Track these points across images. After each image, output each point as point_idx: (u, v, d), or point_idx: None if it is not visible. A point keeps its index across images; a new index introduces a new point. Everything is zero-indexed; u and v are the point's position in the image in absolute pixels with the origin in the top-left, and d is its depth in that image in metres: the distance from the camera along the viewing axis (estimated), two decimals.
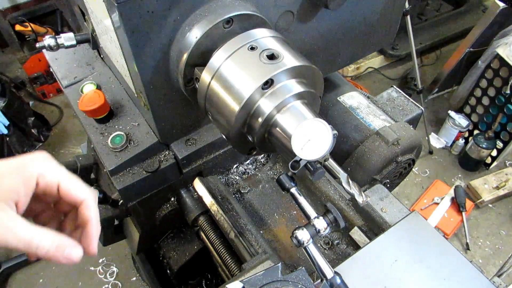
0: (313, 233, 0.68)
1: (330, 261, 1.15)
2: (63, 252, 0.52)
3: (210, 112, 0.84)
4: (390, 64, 3.65)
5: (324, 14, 1.02)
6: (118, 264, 2.44)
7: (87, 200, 0.58)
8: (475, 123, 2.98)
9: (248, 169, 1.35)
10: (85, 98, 1.09)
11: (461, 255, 0.91)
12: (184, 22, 0.81)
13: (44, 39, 1.03)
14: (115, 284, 2.36)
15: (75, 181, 0.57)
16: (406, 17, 2.48)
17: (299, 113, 0.75)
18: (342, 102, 1.30)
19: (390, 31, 1.29)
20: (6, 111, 2.66)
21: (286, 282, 0.65)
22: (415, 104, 1.36)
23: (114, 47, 0.91)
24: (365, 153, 1.16)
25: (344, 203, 1.19)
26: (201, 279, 1.41)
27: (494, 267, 2.45)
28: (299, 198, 0.74)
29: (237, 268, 1.09)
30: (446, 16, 3.71)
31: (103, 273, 2.41)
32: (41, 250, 0.50)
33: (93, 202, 0.59)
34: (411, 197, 2.79)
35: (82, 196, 0.58)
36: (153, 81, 0.88)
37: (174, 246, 1.29)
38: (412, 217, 1.00)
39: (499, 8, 2.60)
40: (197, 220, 1.18)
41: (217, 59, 0.78)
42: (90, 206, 0.58)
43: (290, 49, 0.78)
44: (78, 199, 0.58)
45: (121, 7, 0.71)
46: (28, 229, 0.50)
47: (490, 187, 2.73)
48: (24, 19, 3.27)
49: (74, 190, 0.57)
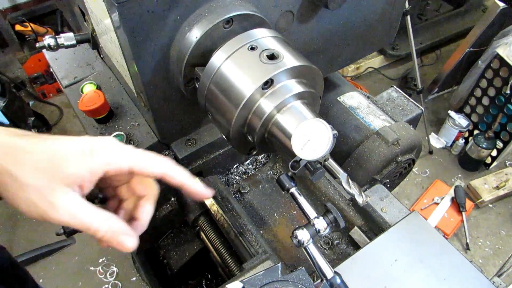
0: (313, 233, 0.68)
1: (330, 261, 1.15)
2: (117, 238, 0.55)
3: (210, 112, 0.84)
4: (390, 64, 3.65)
5: (324, 14, 1.02)
6: (118, 264, 2.44)
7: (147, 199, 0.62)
8: (475, 123, 2.98)
9: (248, 169, 1.35)
10: (85, 98, 1.09)
11: (461, 255, 0.91)
12: (184, 22, 0.81)
13: (44, 39, 1.03)
14: (115, 284, 2.36)
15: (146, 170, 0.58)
16: (406, 17, 2.48)
17: (299, 113, 0.75)
18: (342, 102, 1.30)
19: (390, 31, 1.29)
20: (6, 111, 2.66)
21: (286, 282, 0.65)
22: (415, 104, 1.36)
23: (114, 47, 0.91)
24: (365, 153, 1.16)
25: (344, 203, 1.19)
26: (201, 279, 1.41)
27: (494, 267, 2.45)
28: (299, 198, 0.74)
29: (237, 268, 1.09)
30: (446, 16, 3.71)
31: (103, 273, 2.41)
32: (97, 233, 0.54)
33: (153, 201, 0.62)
34: (411, 197, 2.79)
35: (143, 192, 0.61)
36: (153, 81, 0.88)
37: (174, 246, 1.29)
38: (412, 217, 1.00)
39: (499, 8, 2.59)
40: (197, 220, 1.18)
41: (217, 59, 0.78)
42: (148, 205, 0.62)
43: (290, 49, 0.78)
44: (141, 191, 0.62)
45: (121, 7, 0.71)
46: (88, 213, 0.53)
47: (490, 187, 2.73)
48: (24, 19, 3.27)
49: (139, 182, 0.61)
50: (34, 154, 0.51)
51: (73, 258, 2.50)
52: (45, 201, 0.51)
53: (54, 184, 0.51)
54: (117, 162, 0.55)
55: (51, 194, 0.51)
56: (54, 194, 0.51)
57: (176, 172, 0.59)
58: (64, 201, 0.51)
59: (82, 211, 0.52)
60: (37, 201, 0.51)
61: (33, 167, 0.51)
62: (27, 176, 0.50)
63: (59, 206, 0.51)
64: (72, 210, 0.52)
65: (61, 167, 0.52)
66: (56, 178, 0.51)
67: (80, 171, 0.53)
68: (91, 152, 0.54)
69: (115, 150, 0.56)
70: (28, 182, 0.50)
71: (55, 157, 0.52)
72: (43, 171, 0.51)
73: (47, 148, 0.53)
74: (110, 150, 0.55)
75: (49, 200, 0.51)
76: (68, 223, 0.52)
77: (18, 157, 0.51)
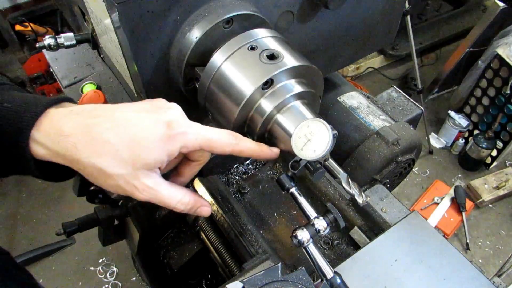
0: (313, 233, 0.68)
1: (330, 261, 1.15)
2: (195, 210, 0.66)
3: (210, 112, 0.84)
4: (390, 64, 3.65)
5: (324, 14, 1.02)
6: (118, 264, 2.44)
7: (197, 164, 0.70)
8: (475, 123, 2.98)
9: (248, 169, 1.35)
10: (85, 98, 1.09)
11: (461, 255, 0.91)
12: (184, 22, 0.81)
13: (44, 39, 1.03)
14: (115, 284, 2.37)
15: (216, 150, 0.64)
16: (406, 17, 2.49)
17: (299, 113, 0.75)
18: (342, 102, 1.30)
19: (390, 31, 1.29)
20: None
21: (286, 282, 0.65)
22: (415, 104, 1.36)
23: (114, 47, 0.91)
24: (365, 153, 1.16)
25: (344, 203, 1.19)
26: (201, 279, 1.41)
27: (494, 267, 2.45)
28: (299, 198, 0.74)
29: (237, 268, 1.09)
30: (446, 16, 3.72)
31: (103, 273, 2.41)
32: (178, 208, 0.62)
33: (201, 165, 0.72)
34: (411, 197, 2.79)
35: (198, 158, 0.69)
36: (153, 81, 0.88)
37: (174, 246, 1.29)
38: (412, 217, 1.00)
39: (499, 8, 2.60)
40: (197, 220, 1.18)
41: (217, 59, 0.78)
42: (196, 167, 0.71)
43: (290, 49, 0.78)
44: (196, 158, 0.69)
45: (121, 7, 0.71)
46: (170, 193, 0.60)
47: (490, 187, 2.73)
48: (24, 19, 3.27)
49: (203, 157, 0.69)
50: (113, 142, 0.54)
51: (73, 258, 2.50)
52: (131, 186, 0.56)
53: (137, 170, 0.55)
54: (192, 144, 0.60)
55: (136, 180, 0.56)
56: (138, 179, 0.56)
57: (244, 149, 0.67)
58: (146, 185, 0.57)
59: (162, 191, 0.58)
60: (124, 186, 0.56)
61: (116, 157, 0.54)
62: (112, 167, 0.54)
63: (143, 189, 0.57)
64: (153, 191, 0.57)
65: (142, 156, 0.55)
66: (138, 165, 0.55)
67: (160, 157, 0.57)
68: (169, 137, 0.57)
69: (189, 133, 0.59)
70: (114, 172, 0.54)
71: (135, 146, 0.55)
72: (126, 161, 0.54)
73: (124, 134, 0.55)
74: (186, 133, 0.59)
75: (134, 184, 0.56)
76: (150, 201, 0.58)
77: (98, 148, 0.53)
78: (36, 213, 2.70)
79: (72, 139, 0.53)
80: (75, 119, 0.54)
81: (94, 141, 0.53)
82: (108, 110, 0.57)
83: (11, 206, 2.75)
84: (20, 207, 2.73)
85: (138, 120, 0.56)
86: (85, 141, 0.53)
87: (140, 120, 0.56)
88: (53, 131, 0.53)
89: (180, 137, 0.58)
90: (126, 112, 0.57)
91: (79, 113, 0.55)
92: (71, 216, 1.13)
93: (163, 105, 0.61)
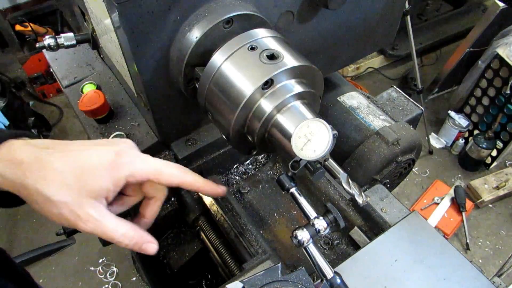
0: (313, 233, 0.68)
1: (330, 261, 1.15)
2: (140, 246, 0.62)
3: (210, 112, 0.84)
4: (390, 64, 3.65)
5: (324, 14, 1.02)
6: (118, 264, 2.44)
7: (155, 200, 0.67)
8: (475, 123, 2.98)
9: (248, 169, 1.35)
10: (85, 98, 1.09)
11: (461, 255, 0.91)
12: (184, 22, 0.81)
13: (44, 39, 1.03)
14: (115, 284, 2.37)
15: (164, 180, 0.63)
16: (406, 17, 2.49)
17: (299, 113, 0.75)
18: (342, 102, 1.30)
19: (390, 31, 1.29)
20: (6, 111, 2.66)
21: (286, 282, 0.65)
22: (415, 104, 1.36)
23: (114, 47, 0.91)
24: (365, 153, 1.16)
25: (344, 203, 1.19)
26: (201, 279, 1.41)
27: (494, 267, 2.45)
28: (299, 198, 0.74)
29: (237, 268, 1.09)
30: (446, 16, 3.71)
31: (103, 273, 2.41)
32: (122, 242, 0.59)
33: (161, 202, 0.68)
34: (411, 197, 2.79)
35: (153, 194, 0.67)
36: (153, 81, 0.88)
37: (174, 246, 1.29)
38: (412, 217, 1.00)
39: (499, 8, 2.60)
40: (197, 220, 1.18)
41: (217, 59, 0.78)
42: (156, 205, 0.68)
43: (290, 49, 0.78)
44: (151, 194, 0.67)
45: (121, 7, 0.71)
46: (114, 225, 0.58)
47: (490, 187, 2.73)
48: (24, 19, 3.27)
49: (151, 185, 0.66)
50: (61, 171, 0.55)
51: (73, 258, 2.50)
52: (75, 215, 0.55)
53: (82, 198, 0.55)
54: (139, 174, 0.60)
55: (80, 209, 0.55)
56: (82, 209, 0.55)
57: (192, 181, 0.65)
58: (91, 215, 0.56)
59: (105, 222, 0.57)
60: (67, 215, 0.55)
61: (62, 184, 0.54)
62: (56, 193, 0.54)
63: (86, 220, 0.55)
64: (98, 223, 0.56)
65: (88, 182, 0.55)
66: (83, 193, 0.55)
67: (106, 185, 0.57)
68: (116, 165, 0.58)
69: (137, 162, 0.60)
70: (59, 200, 0.54)
71: (82, 173, 0.55)
72: (71, 188, 0.55)
73: (73, 163, 0.56)
74: (132, 162, 0.59)
75: (77, 214, 0.55)
76: (94, 233, 0.57)
77: (46, 174, 0.54)
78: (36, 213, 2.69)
79: (23, 166, 0.54)
80: (30, 149, 0.56)
81: (43, 168, 0.54)
82: (63, 144, 0.59)
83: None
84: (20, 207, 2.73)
85: (89, 151, 0.58)
86: (35, 168, 0.54)
87: (91, 150, 0.58)
88: (8, 158, 0.55)
89: (127, 165, 0.58)
90: (79, 145, 0.59)
91: (35, 145, 0.57)
92: None
93: (116, 140, 0.64)
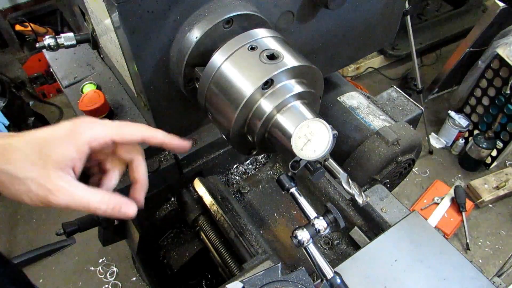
0: (313, 233, 0.68)
1: (330, 261, 1.15)
2: (119, 210, 0.60)
3: (210, 112, 0.84)
4: (390, 64, 3.65)
5: (324, 14, 1.02)
6: (118, 264, 2.44)
7: (136, 160, 0.66)
8: (475, 123, 2.98)
9: (248, 169, 1.35)
10: (85, 98, 1.09)
11: (461, 255, 0.91)
12: (184, 22, 0.81)
13: (44, 39, 1.03)
14: (115, 284, 2.36)
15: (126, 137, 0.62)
16: (406, 17, 2.48)
17: (299, 113, 0.75)
18: (342, 102, 1.30)
19: (390, 31, 1.29)
20: (6, 111, 2.66)
21: (286, 282, 0.65)
22: (415, 104, 1.36)
23: (114, 47, 0.91)
24: (365, 153, 1.16)
25: (344, 203, 1.19)
26: (201, 279, 1.41)
27: (494, 267, 2.45)
28: (299, 198, 0.74)
29: (237, 268, 1.09)
30: (446, 16, 3.71)
31: (103, 273, 2.41)
32: (99, 211, 0.58)
33: (142, 160, 0.67)
34: (411, 197, 2.79)
35: (130, 156, 0.66)
36: (153, 81, 0.88)
37: (174, 246, 1.29)
38: (412, 217, 1.00)
39: (499, 8, 2.59)
40: (197, 220, 1.18)
41: (217, 59, 0.78)
42: (139, 165, 0.67)
43: (290, 49, 0.78)
44: (128, 157, 0.66)
45: (121, 7, 0.71)
46: (86, 194, 0.57)
47: (490, 187, 2.73)
48: (24, 19, 3.27)
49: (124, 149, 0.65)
50: (22, 148, 0.55)
51: (73, 258, 2.50)
52: (44, 189, 0.54)
53: (48, 171, 0.54)
54: (99, 136, 0.59)
55: (48, 181, 0.54)
56: (50, 180, 0.54)
57: (154, 133, 0.65)
58: (60, 185, 0.55)
59: (78, 193, 0.56)
60: (36, 190, 0.54)
61: (25, 160, 0.54)
62: (21, 170, 0.54)
63: (57, 191, 0.54)
64: (69, 193, 0.55)
65: (50, 153, 0.55)
66: (48, 165, 0.54)
67: (68, 153, 0.56)
68: (74, 132, 0.57)
69: (95, 126, 0.59)
70: (24, 176, 0.53)
71: (42, 146, 0.55)
72: (35, 163, 0.54)
73: (32, 139, 0.56)
74: (91, 127, 0.59)
75: (47, 187, 0.54)
76: (68, 205, 0.55)
77: (9, 156, 0.54)
78: (36, 213, 2.69)
79: None
80: None
81: (5, 151, 0.54)
82: (25, 131, 0.58)
83: (11, 206, 2.75)
84: (20, 207, 2.73)
85: (47, 129, 0.58)
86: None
87: (48, 128, 0.58)
88: None
89: (86, 131, 0.58)
90: (40, 129, 0.59)
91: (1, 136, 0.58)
92: (71, 216, 1.13)
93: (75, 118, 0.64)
